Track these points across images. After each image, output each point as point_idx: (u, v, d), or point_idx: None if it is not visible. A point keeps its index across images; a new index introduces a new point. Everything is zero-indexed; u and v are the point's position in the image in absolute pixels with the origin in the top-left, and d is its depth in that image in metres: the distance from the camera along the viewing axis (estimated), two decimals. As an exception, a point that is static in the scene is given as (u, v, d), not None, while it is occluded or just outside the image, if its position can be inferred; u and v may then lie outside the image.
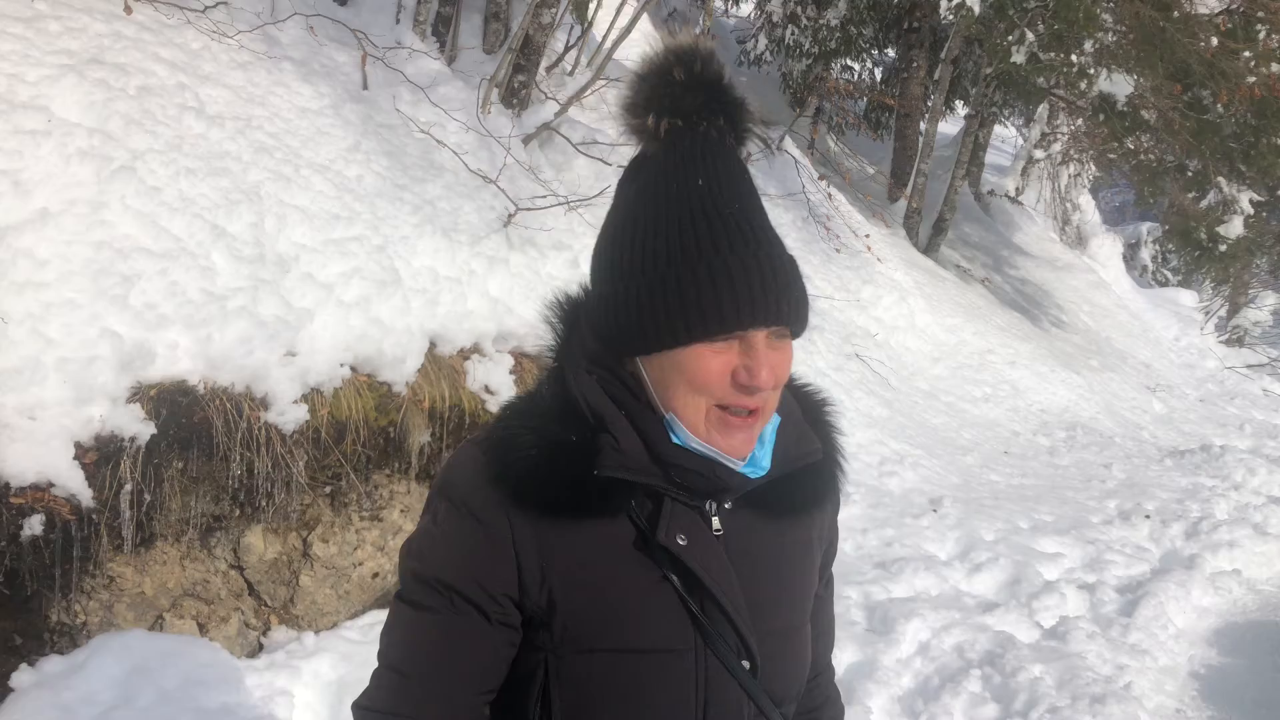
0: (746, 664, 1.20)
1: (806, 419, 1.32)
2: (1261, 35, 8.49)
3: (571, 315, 1.31)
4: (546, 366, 1.32)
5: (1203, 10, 8.41)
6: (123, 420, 3.36)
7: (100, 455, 3.36)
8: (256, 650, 4.08)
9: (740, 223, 1.15)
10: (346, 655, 3.46)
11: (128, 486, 3.40)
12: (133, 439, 3.38)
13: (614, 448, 1.17)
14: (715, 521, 1.22)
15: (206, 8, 4.53)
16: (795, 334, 1.20)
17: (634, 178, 1.24)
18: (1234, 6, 8.33)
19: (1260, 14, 8.44)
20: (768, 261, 1.14)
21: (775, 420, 1.24)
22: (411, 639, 1.22)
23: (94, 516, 3.36)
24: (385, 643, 1.26)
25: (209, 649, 3.35)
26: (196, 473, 3.64)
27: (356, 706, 1.25)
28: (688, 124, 1.19)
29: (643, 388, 1.19)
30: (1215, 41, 8.24)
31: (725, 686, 1.19)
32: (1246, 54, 8.50)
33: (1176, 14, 8.39)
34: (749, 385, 1.13)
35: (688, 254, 1.14)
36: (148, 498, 3.49)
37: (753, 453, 1.20)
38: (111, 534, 3.46)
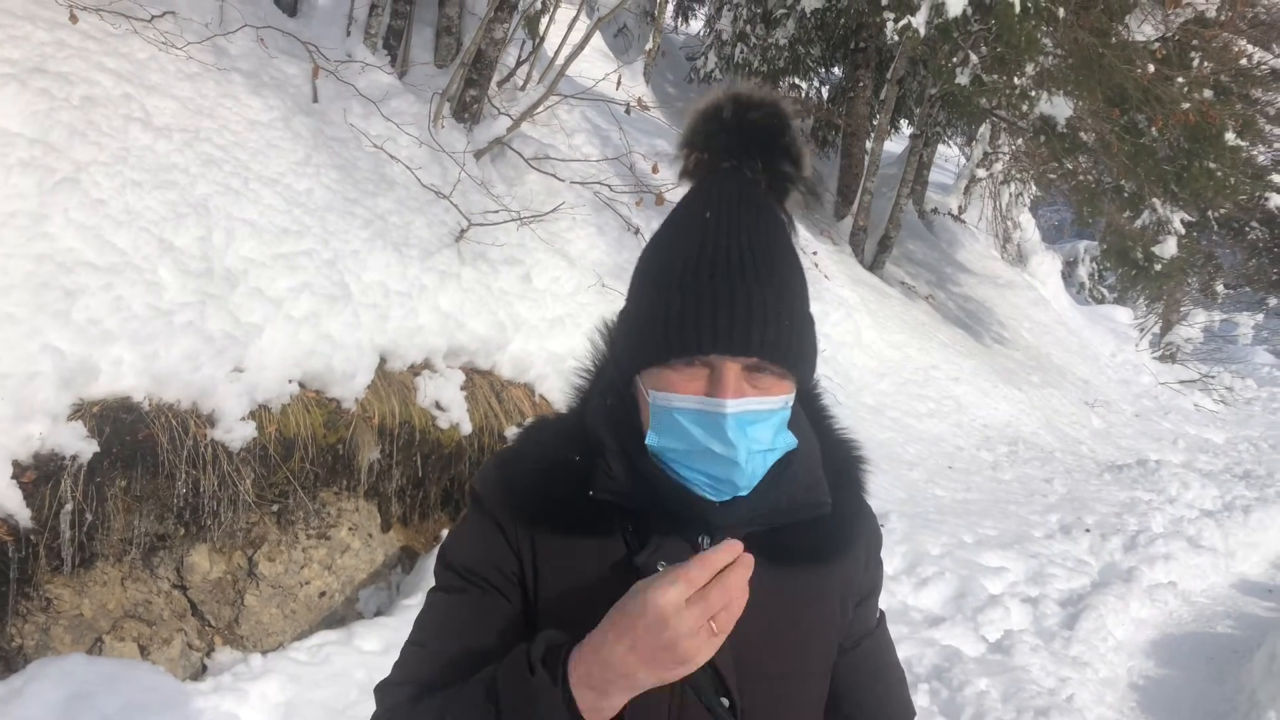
0: (726, 702, 1.19)
1: (829, 470, 1.29)
2: (1196, 63, 8.77)
3: (612, 340, 1.32)
4: (577, 386, 1.34)
5: (1140, 38, 8.66)
6: (64, 438, 3.27)
7: (40, 474, 3.27)
8: (200, 672, 3.99)
9: (732, 254, 1.14)
10: (295, 677, 3.39)
11: (68, 506, 3.31)
12: (74, 457, 3.30)
13: (605, 473, 1.19)
14: None
15: (153, 17, 4.45)
16: (795, 375, 1.17)
17: (670, 213, 1.26)
18: (1170, 35, 8.61)
19: (1195, 42, 8.71)
20: (744, 293, 1.12)
21: (783, 445, 1.18)
22: (435, 617, 1.25)
23: (32, 537, 3.27)
24: (413, 629, 1.29)
25: (152, 673, 3.27)
26: (140, 491, 3.57)
27: (378, 687, 1.27)
28: (713, 160, 1.20)
29: (644, 419, 1.19)
30: (1152, 68, 8.50)
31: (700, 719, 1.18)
32: (1180, 80, 8.77)
33: (1115, 40, 8.63)
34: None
35: (673, 277, 1.15)
36: (89, 517, 3.41)
37: (733, 486, 1.16)
38: (50, 555, 3.37)
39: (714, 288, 1.12)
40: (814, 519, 1.25)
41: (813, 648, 1.30)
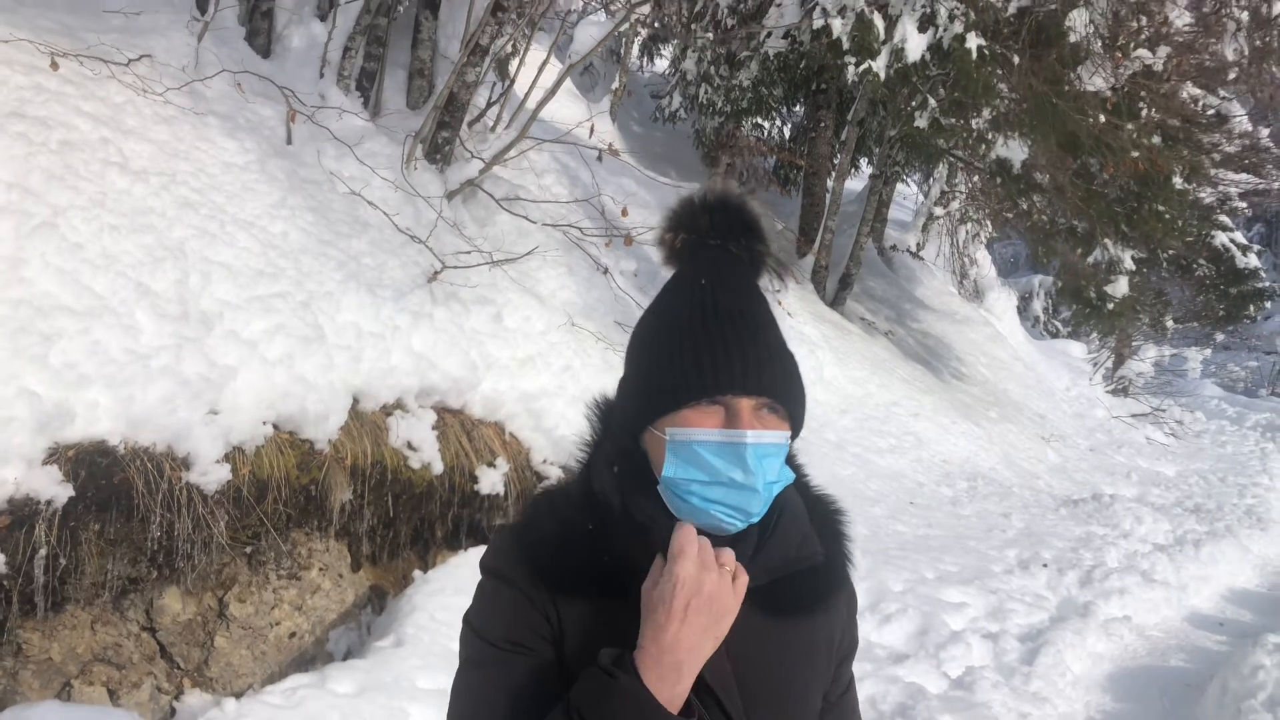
0: None
1: (815, 524, 1.39)
2: (1144, 112, 9.10)
3: (606, 414, 1.42)
4: (579, 459, 1.42)
5: (1091, 89, 8.97)
6: (39, 483, 3.28)
7: (14, 519, 3.27)
8: (169, 716, 3.98)
9: (732, 310, 1.29)
10: (268, 721, 3.40)
11: (42, 551, 3.31)
12: (49, 502, 3.31)
13: (621, 537, 1.27)
14: None
15: (130, 61, 4.49)
16: (791, 422, 1.30)
17: (660, 290, 1.39)
18: (1119, 85, 8.93)
19: (1143, 94, 9.05)
20: (750, 337, 1.27)
21: (785, 478, 1.29)
22: (484, 692, 1.27)
23: (5, 583, 3.26)
24: (458, 713, 1.30)
25: (126, 719, 3.26)
26: (114, 535, 3.57)
27: None
28: (701, 238, 1.35)
29: (656, 469, 1.28)
30: (1103, 118, 8.81)
31: None
32: (1129, 127, 9.08)
33: (1067, 88, 8.93)
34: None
35: (679, 332, 1.28)
36: (63, 562, 3.40)
37: (747, 514, 1.26)
38: (23, 600, 3.36)
39: (724, 336, 1.26)
40: (808, 570, 1.36)
41: (810, 696, 1.40)
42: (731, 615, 1.20)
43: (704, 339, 1.27)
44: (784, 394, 1.28)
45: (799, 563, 1.35)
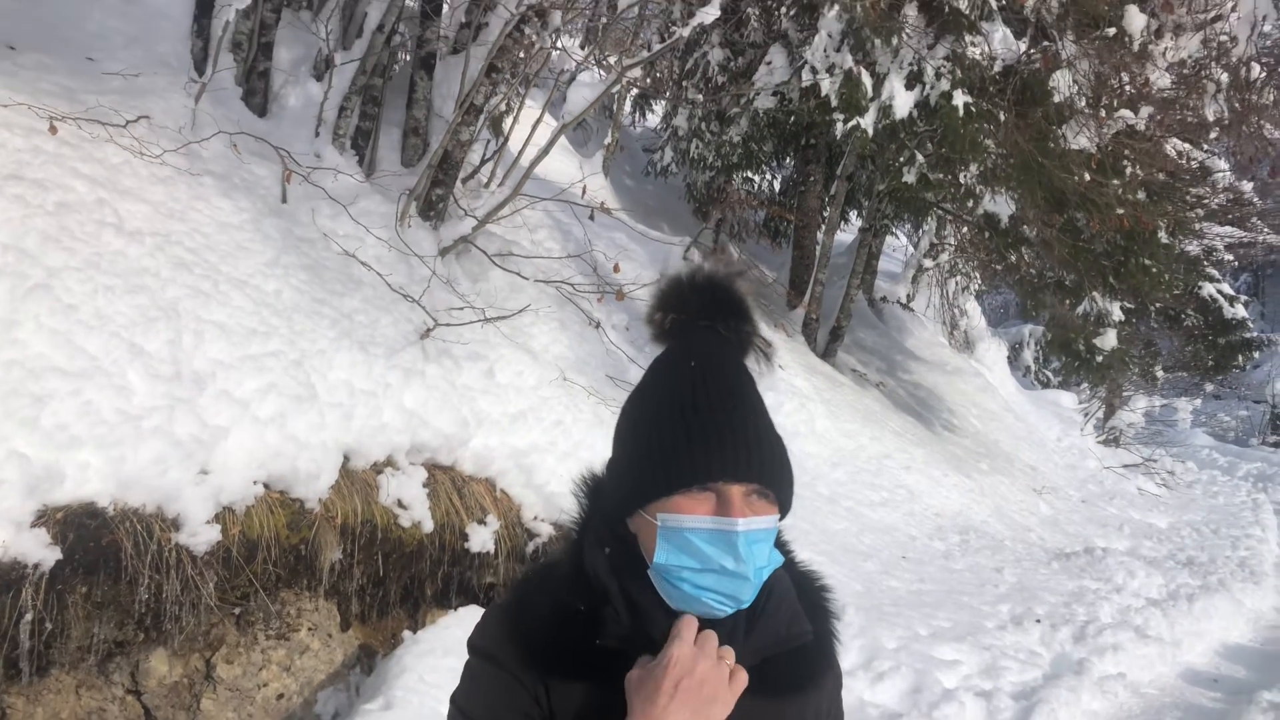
0: None
1: (802, 601, 1.41)
2: (1128, 169, 9.26)
3: (595, 490, 1.42)
4: (569, 536, 1.42)
5: (1075, 147, 9.12)
6: (27, 546, 3.27)
7: (0, 583, 3.25)
8: (152, 782, 3.92)
9: (722, 392, 1.30)
10: (254, 788, 3.35)
11: (28, 616, 3.29)
12: (36, 566, 3.29)
13: (615, 620, 1.28)
14: None
15: (128, 122, 4.55)
16: (779, 505, 1.30)
17: (649, 369, 1.41)
18: (1103, 143, 9.09)
19: (1127, 151, 9.22)
20: (741, 423, 1.27)
21: (774, 562, 1.31)
22: None
23: (-10, 647, 3.23)
24: None
25: (109, 786, 3.21)
26: (102, 598, 3.54)
27: None
28: (690, 319, 1.37)
29: (646, 553, 1.29)
30: (1088, 177, 8.95)
31: None
32: (1115, 183, 9.23)
33: (1053, 145, 9.09)
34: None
35: (671, 415, 1.29)
36: (49, 626, 3.38)
37: (738, 601, 1.27)
38: (8, 665, 3.33)
39: (715, 422, 1.27)
40: (798, 648, 1.37)
41: None
42: (723, 705, 1.21)
43: (695, 424, 1.27)
44: (773, 479, 1.29)
45: (789, 641, 1.36)
